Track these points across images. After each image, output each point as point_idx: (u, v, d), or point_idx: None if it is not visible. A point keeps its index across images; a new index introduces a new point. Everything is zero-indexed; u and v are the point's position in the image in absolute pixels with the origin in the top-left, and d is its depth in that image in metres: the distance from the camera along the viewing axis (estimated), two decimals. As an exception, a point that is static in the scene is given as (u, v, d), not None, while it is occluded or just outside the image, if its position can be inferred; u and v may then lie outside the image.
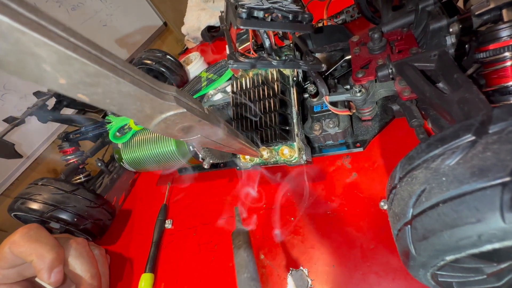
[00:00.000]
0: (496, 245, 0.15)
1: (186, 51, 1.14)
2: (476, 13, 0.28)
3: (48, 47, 0.11)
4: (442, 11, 0.32)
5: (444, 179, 0.17)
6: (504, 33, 0.27)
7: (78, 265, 0.39)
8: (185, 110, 0.18)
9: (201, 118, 0.20)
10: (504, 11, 0.27)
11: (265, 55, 0.37)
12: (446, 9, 0.32)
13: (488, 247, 0.15)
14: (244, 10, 0.31)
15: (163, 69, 0.71)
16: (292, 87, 0.41)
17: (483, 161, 0.16)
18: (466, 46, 0.33)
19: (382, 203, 0.34)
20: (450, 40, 0.29)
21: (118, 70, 0.14)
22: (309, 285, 0.33)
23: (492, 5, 0.27)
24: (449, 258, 0.17)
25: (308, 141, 0.42)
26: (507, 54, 0.27)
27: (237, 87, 0.41)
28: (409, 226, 0.19)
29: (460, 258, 0.17)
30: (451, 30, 0.29)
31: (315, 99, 0.40)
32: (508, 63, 0.28)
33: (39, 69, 0.12)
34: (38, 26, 0.11)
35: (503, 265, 0.19)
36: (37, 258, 0.35)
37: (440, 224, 0.17)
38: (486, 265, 0.19)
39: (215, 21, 0.98)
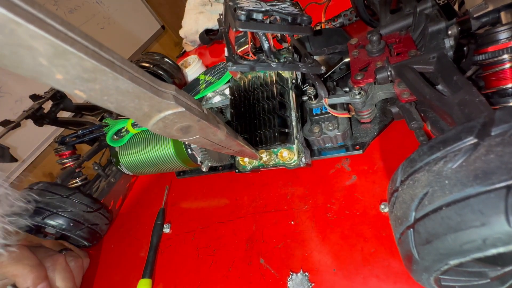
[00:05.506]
0: (501, 249, 0.15)
1: (184, 54, 1.14)
2: (475, 15, 0.28)
3: (45, 40, 0.11)
4: (440, 13, 0.32)
5: (447, 182, 0.17)
6: (503, 35, 0.27)
7: (57, 282, 0.45)
8: (184, 109, 0.18)
9: (200, 118, 0.20)
10: (502, 14, 0.27)
11: (264, 57, 0.37)
12: (444, 12, 0.33)
13: (493, 251, 0.15)
14: (243, 12, 0.31)
15: (161, 72, 0.71)
16: (291, 89, 0.41)
17: (487, 164, 0.15)
18: (465, 48, 0.33)
19: (382, 206, 0.34)
20: (449, 42, 0.29)
21: (116, 67, 0.14)
22: (309, 290, 0.33)
23: (490, 8, 0.27)
24: (453, 262, 0.17)
25: (307, 144, 0.42)
26: (505, 56, 0.27)
27: (235, 90, 0.41)
28: (411, 229, 0.19)
29: (464, 262, 0.17)
30: (449, 32, 0.29)
31: (314, 102, 0.40)
32: (507, 65, 0.28)
33: (35, 63, 0.11)
34: (35, 18, 0.11)
35: (507, 269, 0.19)
36: (20, 278, 0.40)
37: (443, 228, 0.16)
38: (490, 269, 0.19)
39: (213, 24, 0.98)
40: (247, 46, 0.40)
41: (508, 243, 0.14)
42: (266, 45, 0.36)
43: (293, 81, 0.41)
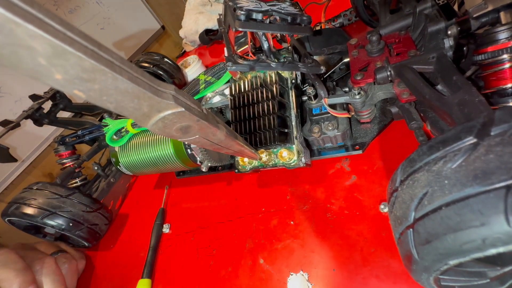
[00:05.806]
0: (501, 249, 0.15)
1: (184, 54, 1.14)
2: (474, 15, 0.28)
3: (43, 40, 0.11)
4: (439, 14, 0.32)
5: (446, 182, 0.17)
6: (502, 35, 0.27)
7: (45, 285, 0.43)
8: (183, 109, 0.18)
9: (199, 118, 0.20)
10: (501, 14, 0.27)
11: (263, 57, 0.37)
12: (444, 12, 0.33)
13: (493, 251, 0.15)
14: (242, 12, 0.31)
15: (161, 72, 0.71)
16: (291, 89, 0.41)
17: (486, 164, 0.15)
18: (464, 48, 0.33)
19: (382, 206, 0.34)
20: (448, 42, 0.29)
21: (116, 66, 0.14)
22: (309, 290, 0.33)
23: (490, 8, 0.27)
24: (453, 262, 0.17)
25: (307, 144, 0.42)
26: (505, 56, 0.27)
27: (235, 90, 0.41)
28: (411, 229, 0.19)
29: (463, 262, 0.17)
30: (449, 32, 0.29)
31: (314, 102, 0.40)
32: (507, 65, 0.28)
33: (34, 63, 0.11)
34: (34, 18, 0.11)
35: (506, 269, 0.19)
36: (5, 283, 0.39)
37: (443, 228, 0.16)
38: (490, 269, 0.19)
39: (213, 25, 0.98)
40: (246, 46, 0.40)
41: (507, 243, 0.14)
42: (265, 45, 0.36)
43: (293, 81, 0.41)
